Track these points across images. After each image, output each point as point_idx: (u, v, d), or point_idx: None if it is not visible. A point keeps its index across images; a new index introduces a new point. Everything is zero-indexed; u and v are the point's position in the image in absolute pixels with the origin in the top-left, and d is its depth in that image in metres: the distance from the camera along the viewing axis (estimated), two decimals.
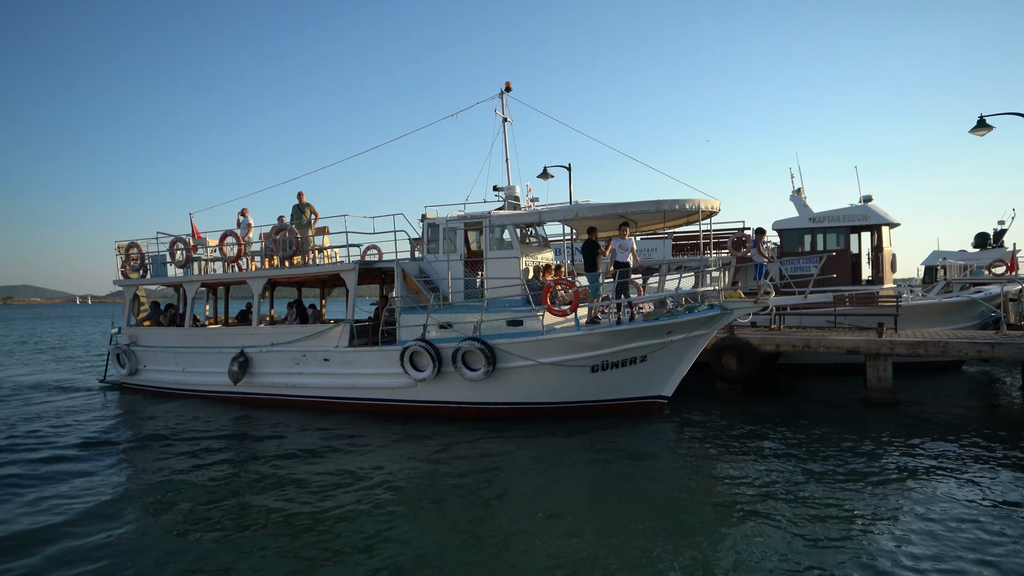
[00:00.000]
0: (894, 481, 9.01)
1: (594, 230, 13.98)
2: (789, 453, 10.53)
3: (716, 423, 12.85)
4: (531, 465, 10.38)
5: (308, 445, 11.94)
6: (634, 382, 13.36)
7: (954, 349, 13.80)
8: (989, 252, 26.36)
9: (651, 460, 10.48)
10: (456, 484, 9.43)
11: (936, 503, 8.09)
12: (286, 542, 7.53)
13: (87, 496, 9.30)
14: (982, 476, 9.10)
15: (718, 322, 13.15)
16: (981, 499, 8.21)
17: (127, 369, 18.15)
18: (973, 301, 18.21)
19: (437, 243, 14.99)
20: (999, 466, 9.56)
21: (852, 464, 9.81)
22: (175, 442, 12.46)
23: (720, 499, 8.56)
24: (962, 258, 25.75)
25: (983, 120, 14.84)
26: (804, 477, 9.26)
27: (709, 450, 10.97)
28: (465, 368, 13.15)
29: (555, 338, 12.81)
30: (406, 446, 11.76)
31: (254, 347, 15.88)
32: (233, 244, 16.78)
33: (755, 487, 8.92)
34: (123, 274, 18.92)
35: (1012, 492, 8.47)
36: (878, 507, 8.05)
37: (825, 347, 14.85)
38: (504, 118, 15.73)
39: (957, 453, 10.30)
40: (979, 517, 7.61)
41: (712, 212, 13.53)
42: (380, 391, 14.41)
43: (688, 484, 9.30)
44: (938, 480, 8.99)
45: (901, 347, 14.05)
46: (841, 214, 19.63)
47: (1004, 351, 13.35)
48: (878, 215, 19.32)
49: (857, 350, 14.51)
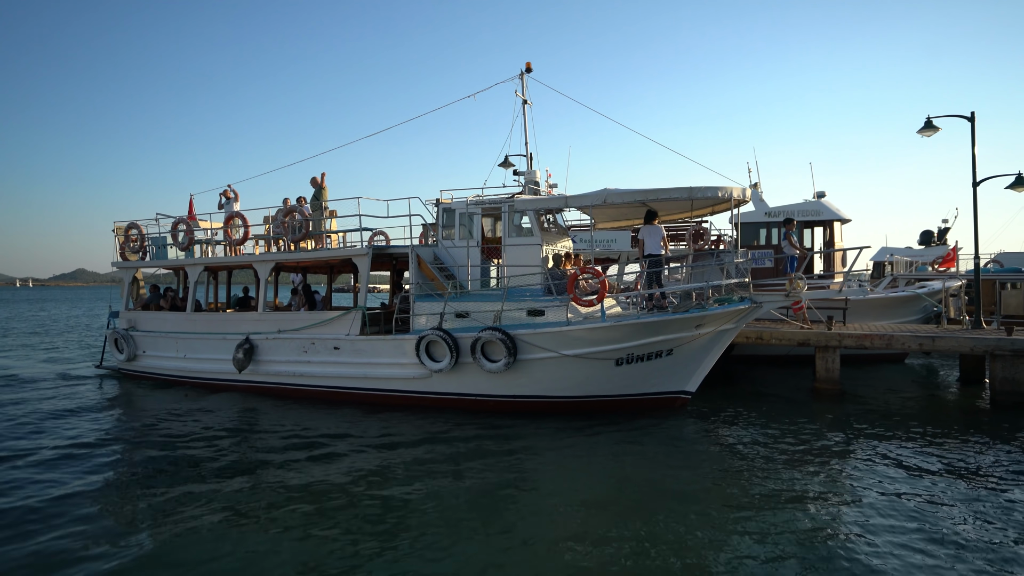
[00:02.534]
0: (834, 464, 9.56)
1: (654, 214, 13.32)
2: (750, 440, 11.11)
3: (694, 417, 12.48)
4: (553, 461, 9.99)
5: (318, 438, 11.43)
6: (659, 376, 12.90)
7: (898, 342, 14.29)
8: (933, 249, 27.63)
9: (697, 466, 9.97)
10: (473, 481, 9.03)
11: (877, 485, 8.60)
12: (294, 543, 7.04)
13: (76, 491, 8.76)
14: (918, 459, 9.75)
15: (748, 316, 12.69)
16: (918, 479, 8.90)
17: (125, 355, 17.48)
18: (917, 296, 18.70)
19: (453, 229, 14.43)
20: (933, 451, 10.20)
21: (798, 449, 10.29)
22: (177, 433, 11.91)
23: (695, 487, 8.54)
24: (908, 255, 26.54)
25: (930, 122, 15.55)
26: (748, 462, 9.74)
27: (710, 447, 10.58)
28: (484, 359, 12.63)
29: (580, 329, 12.31)
30: (420, 440, 11.27)
31: (260, 334, 15.28)
32: (239, 226, 16.13)
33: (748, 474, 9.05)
34: (122, 256, 18.20)
35: (943, 474, 9.10)
36: (827, 488, 8.60)
37: (777, 339, 15.25)
38: (524, 100, 15.13)
39: (897, 440, 10.81)
40: (918, 494, 8.32)
41: (743, 201, 13.03)
42: (393, 382, 13.86)
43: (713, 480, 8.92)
44: (878, 464, 9.50)
45: (849, 340, 14.57)
46: (795, 209, 20.20)
47: (944, 344, 13.98)
48: (830, 211, 19.83)
49: (807, 342, 14.94)
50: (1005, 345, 13.29)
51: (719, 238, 21.94)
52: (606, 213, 15.57)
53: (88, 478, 9.33)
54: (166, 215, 17.51)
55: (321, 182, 15.91)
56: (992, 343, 13.46)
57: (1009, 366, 13.30)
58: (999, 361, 13.39)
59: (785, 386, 15.75)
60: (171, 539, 7.22)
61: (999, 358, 13.37)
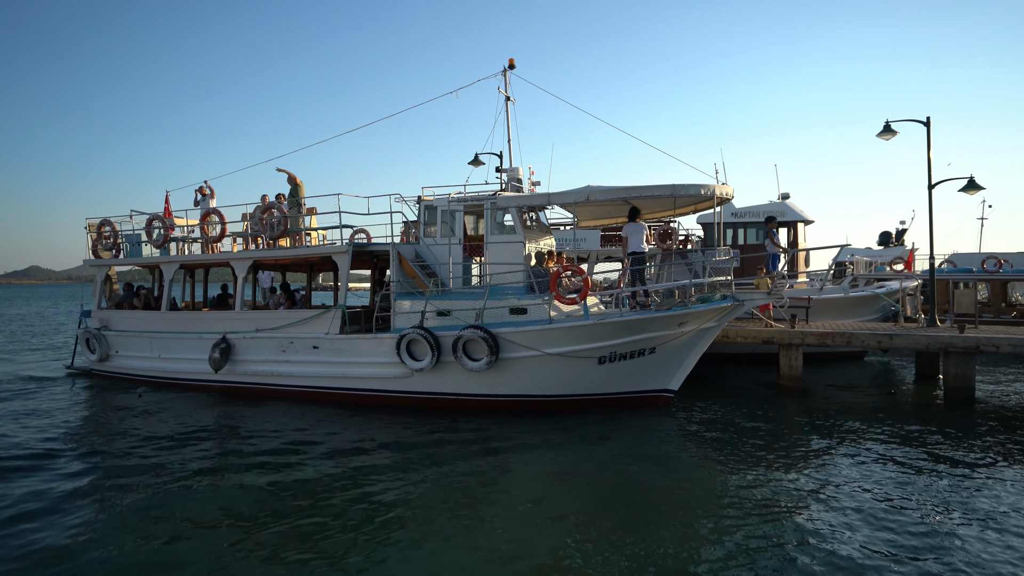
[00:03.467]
0: (799, 460, 9.74)
1: (637, 211, 13.31)
2: (713, 437, 11.25)
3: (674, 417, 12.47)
4: (535, 462, 9.87)
5: (295, 440, 11.19)
6: (642, 375, 12.84)
7: (858, 340, 14.65)
8: (892, 250, 28.47)
9: (665, 461, 9.99)
10: (453, 481, 8.89)
11: (838, 478, 8.84)
12: (267, 552, 6.80)
13: (44, 499, 8.41)
14: (877, 453, 10.03)
15: (730, 314, 12.68)
16: (877, 472, 9.14)
17: (97, 354, 17.03)
18: (876, 296, 19.11)
19: (435, 226, 14.26)
20: (892, 445, 10.47)
21: (764, 445, 10.44)
22: (147, 436, 11.56)
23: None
24: (867, 255, 27.21)
25: (888, 126, 15.99)
26: (710, 457, 9.97)
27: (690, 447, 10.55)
28: (466, 358, 12.47)
29: (563, 327, 12.20)
30: (400, 440, 11.09)
31: (237, 333, 14.97)
32: (216, 223, 15.79)
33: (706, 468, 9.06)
34: (94, 253, 17.74)
35: (899, 464, 9.48)
36: (794, 485, 8.74)
37: (742, 337, 15.54)
38: (507, 96, 15.00)
39: (857, 435, 11.07)
40: (876, 485, 8.57)
41: (726, 199, 13.02)
42: (373, 381, 13.65)
43: (692, 481, 8.87)
44: (840, 458, 9.78)
45: (811, 338, 14.89)
46: (760, 210, 20.68)
47: (900, 342, 14.37)
48: (794, 212, 20.31)
49: (772, 340, 15.24)
50: (957, 343, 13.68)
51: (687, 238, 22.19)
52: (589, 211, 15.50)
53: (55, 485, 8.97)
54: (140, 212, 17.12)
55: (296, 179, 15.64)
56: (946, 341, 13.82)
57: (961, 363, 13.73)
58: (952, 358, 13.81)
59: (751, 383, 16.00)
60: (139, 546, 6.98)
61: (952, 355, 13.80)
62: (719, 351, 18.03)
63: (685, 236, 21.52)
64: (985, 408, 13.10)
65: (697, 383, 15.69)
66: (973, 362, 13.81)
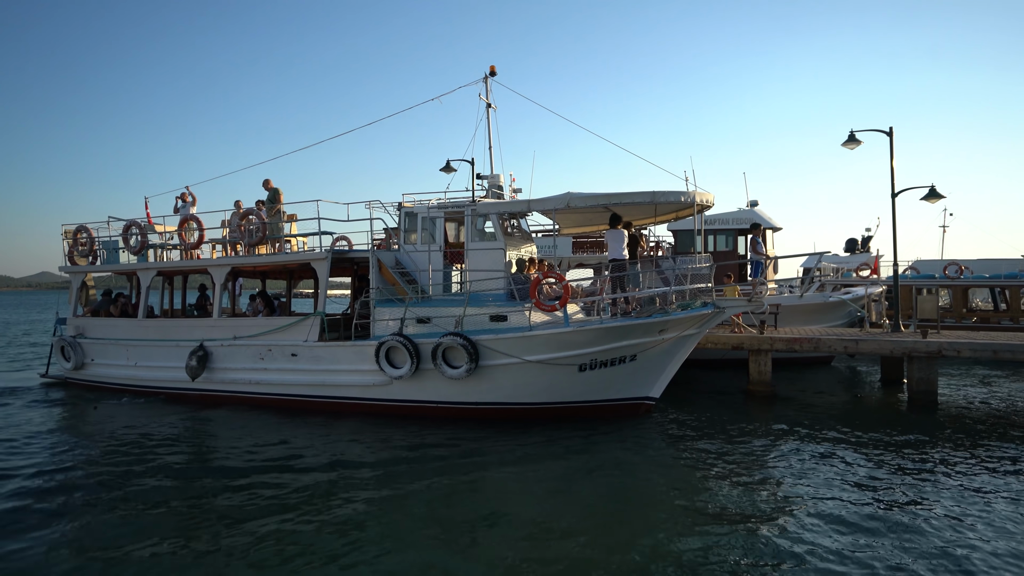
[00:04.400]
0: (769, 464, 9.86)
1: (618, 218, 13.27)
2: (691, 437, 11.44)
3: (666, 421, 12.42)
4: (513, 471, 9.74)
5: (272, 449, 11.01)
6: (622, 382, 12.77)
7: (825, 345, 14.87)
8: (857, 256, 28.96)
9: (639, 470, 9.93)
10: (431, 491, 8.75)
11: (808, 482, 8.92)
12: (241, 562, 6.65)
13: (11, 514, 8.15)
14: (845, 457, 10.17)
15: (711, 321, 12.66)
16: (845, 476, 9.25)
17: (72, 363, 16.73)
18: (842, 302, 19.41)
19: (415, 233, 14.15)
20: (858, 448, 10.63)
21: (736, 451, 10.54)
22: (120, 445, 11.33)
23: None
24: (834, 262, 27.79)
25: (853, 135, 16.30)
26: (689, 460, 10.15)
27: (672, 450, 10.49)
28: (446, 365, 12.35)
29: (543, 334, 12.11)
30: (378, 449, 10.95)
31: (215, 340, 14.76)
32: (194, 230, 15.59)
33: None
34: (70, 260, 17.47)
35: (864, 468, 9.59)
36: (764, 489, 8.80)
37: (712, 343, 15.55)
38: (488, 104, 14.96)
39: (825, 439, 11.25)
40: (844, 490, 8.63)
41: (707, 206, 13.02)
42: (353, 389, 13.49)
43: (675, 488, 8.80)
44: (810, 462, 9.87)
45: (779, 343, 15.09)
46: (730, 217, 21.05)
47: (866, 347, 14.60)
48: (763, 219, 20.54)
49: (741, 346, 15.38)
50: (920, 347, 13.96)
51: (657, 244, 22.31)
52: (571, 218, 15.46)
53: (24, 501, 8.69)
54: (118, 218, 16.88)
55: (271, 185, 15.43)
56: (909, 346, 14.11)
57: (924, 367, 13.99)
58: (915, 362, 14.06)
59: (720, 389, 16.16)
60: (111, 564, 6.75)
61: (915, 360, 14.04)
62: (689, 357, 18.31)
63: (656, 243, 21.67)
64: (947, 412, 13.34)
65: (667, 389, 15.86)
66: (936, 366, 14.08)
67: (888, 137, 16.23)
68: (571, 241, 21.07)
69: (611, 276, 12.56)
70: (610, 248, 12.82)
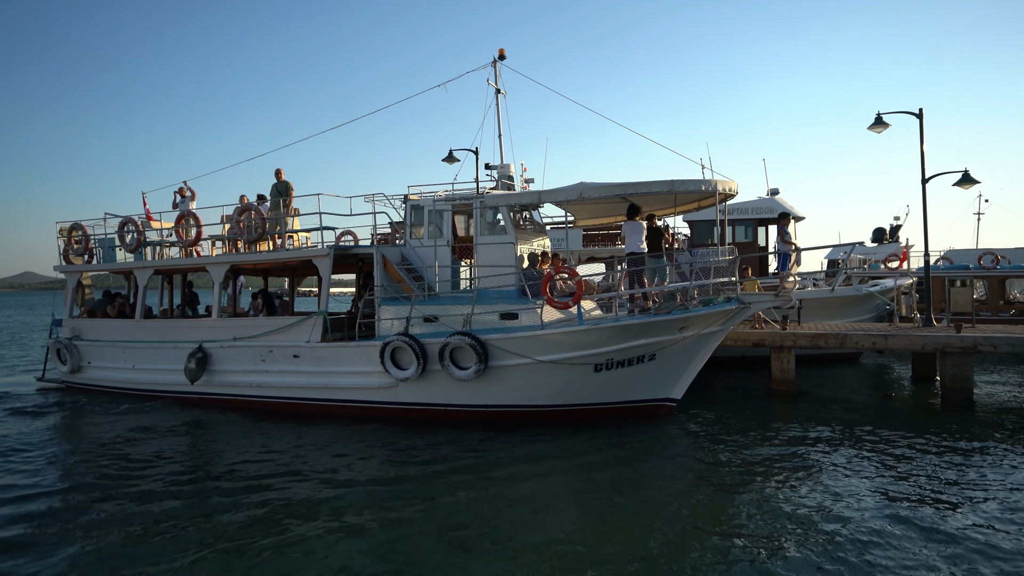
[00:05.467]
0: (797, 467, 9.25)
1: (637, 209, 12.58)
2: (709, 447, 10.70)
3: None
4: (527, 479, 9.12)
5: (274, 457, 10.44)
6: (641, 383, 12.08)
7: (851, 341, 14.11)
8: (886, 247, 27.68)
9: (671, 479, 9.26)
10: (437, 503, 8.16)
11: (838, 488, 8.28)
12: None
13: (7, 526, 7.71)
14: (876, 460, 9.50)
15: (736, 318, 11.94)
16: (877, 480, 8.60)
17: (69, 366, 16.22)
18: (870, 295, 18.47)
19: (422, 227, 13.51)
20: (887, 452, 9.89)
21: (759, 454, 9.93)
22: (118, 452, 10.83)
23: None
24: (861, 252, 26.43)
25: (880, 118, 15.45)
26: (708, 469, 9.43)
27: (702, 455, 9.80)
28: (453, 366, 11.72)
29: (556, 333, 11.45)
30: (384, 455, 10.40)
31: (214, 342, 14.19)
32: (192, 226, 15.02)
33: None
34: (65, 259, 16.95)
35: (898, 473, 8.89)
36: (791, 495, 8.24)
37: (732, 340, 14.64)
38: (497, 89, 14.27)
39: (852, 441, 10.51)
40: (877, 496, 8.01)
41: (729, 195, 12.28)
42: (357, 392, 12.88)
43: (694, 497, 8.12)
44: (838, 467, 9.17)
45: (803, 339, 14.35)
46: (749, 207, 20.03)
47: (896, 342, 13.86)
48: (785, 208, 19.46)
49: (762, 343, 14.62)
50: (954, 343, 13.13)
51: (673, 236, 21.39)
52: (586, 209, 14.77)
53: (22, 507, 8.29)
54: (115, 214, 16.33)
55: (282, 177, 14.82)
56: (942, 341, 13.27)
57: (958, 363, 13.17)
58: (949, 359, 13.26)
59: (741, 389, 15.39)
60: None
61: (949, 356, 13.24)
62: None
63: (672, 235, 20.80)
64: (984, 411, 12.56)
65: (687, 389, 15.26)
66: (971, 363, 13.26)
67: (918, 119, 15.38)
68: (581, 234, 20.24)
69: (628, 271, 11.87)
70: (627, 241, 12.13)
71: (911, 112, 15.51)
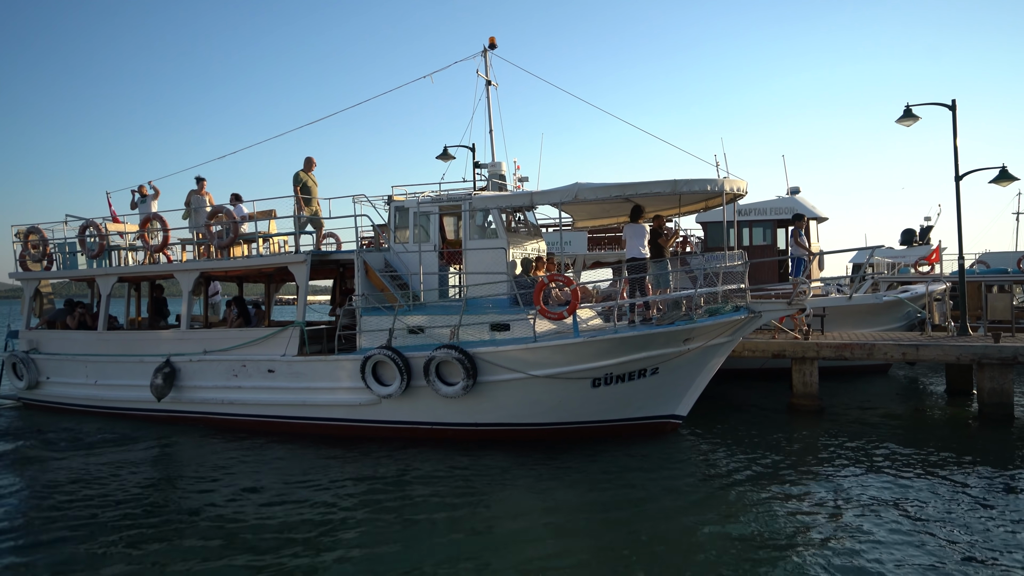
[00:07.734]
0: (821, 491, 8.60)
1: (641, 211, 11.78)
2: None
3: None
4: (520, 505, 8.43)
5: (248, 478, 9.70)
6: (643, 399, 11.25)
7: (879, 351, 13.26)
8: (916, 249, 26.01)
9: (675, 505, 8.42)
10: (421, 528, 7.56)
11: (867, 514, 7.68)
12: None
13: None
14: (907, 482, 8.81)
15: (745, 328, 11.14)
16: (910, 506, 7.95)
17: (25, 381, 15.08)
18: (899, 301, 17.43)
19: (407, 230, 12.60)
20: (919, 474, 9.18)
21: (777, 479, 9.18)
22: (76, 479, 9.89)
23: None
24: (889, 255, 25.13)
25: (910, 110, 14.55)
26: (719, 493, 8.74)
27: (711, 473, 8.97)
28: (440, 382, 10.83)
29: (550, 346, 10.59)
30: (365, 477, 9.63)
31: (183, 355, 13.18)
32: (158, 230, 14.00)
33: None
34: (22, 265, 15.81)
35: (934, 496, 8.29)
36: (811, 526, 7.58)
37: (750, 350, 13.87)
38: (488, 80, 13.38)
39: (881, 464, 9.70)
40: (911, 523, 7.42)
41: (738, 195, 11.47)
42: (336, 409, 11.94)
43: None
44: (867, 489, 8.56)
45: (827, 350, 13.45)
46: (768, 207, 18.79)
47: (928, 353, 13.07)
48: (806, 209, 18.39)
49: (783, 353, 13.69)
50: (992, 353, 12.32)
51: (685, 239, 20.35)
52: (584, 210, 13.92)
53: None
54: (77, 216, 15.24)
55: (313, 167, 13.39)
56: (979, 351, 12.46)
57: (997, 376, 12.34)
58: (986, 371, 12.43)
59: (760, 403, 14.49)
60: None
61: (986, 367, 12.41)
62: (721, 367, 16.61)
63: (683, 238, 19.77)
64: None
65: (697, 404, 14.38)
66: (1011, 375, 12.38)
67: (951, 112, 14.39)
68: (586, 236, 18.99)
69: (629, 278, 11.02)
70: (628, 245, 11.30)
71: (943, 104, 14.50)
